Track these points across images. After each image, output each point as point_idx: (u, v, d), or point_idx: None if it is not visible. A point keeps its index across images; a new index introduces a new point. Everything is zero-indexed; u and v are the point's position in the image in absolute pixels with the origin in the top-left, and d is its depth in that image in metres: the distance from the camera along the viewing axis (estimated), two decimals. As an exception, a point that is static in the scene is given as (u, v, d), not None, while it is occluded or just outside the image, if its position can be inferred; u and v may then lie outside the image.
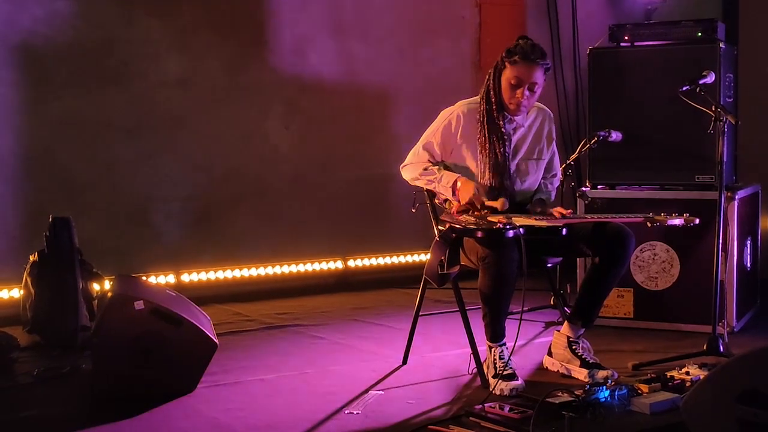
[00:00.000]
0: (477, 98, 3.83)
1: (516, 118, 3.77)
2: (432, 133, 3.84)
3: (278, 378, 3.82)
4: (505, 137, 3.74)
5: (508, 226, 3.42)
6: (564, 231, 3.55)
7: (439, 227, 3.79)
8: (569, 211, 3.70)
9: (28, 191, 5.10)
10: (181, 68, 5.49)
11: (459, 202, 3.70)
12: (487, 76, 3.78)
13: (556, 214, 3.66)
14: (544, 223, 3.53)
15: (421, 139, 3.87)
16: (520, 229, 3.40)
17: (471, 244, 3.61)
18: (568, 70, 6.74)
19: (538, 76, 3.69)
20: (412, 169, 3.86)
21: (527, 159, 3.83)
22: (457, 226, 3.53)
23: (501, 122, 3.73)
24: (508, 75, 3.69)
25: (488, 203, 3.63)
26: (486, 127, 3.73)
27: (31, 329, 4.48)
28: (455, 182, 3.71)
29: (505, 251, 3.45)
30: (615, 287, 4.10)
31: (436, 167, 3.81)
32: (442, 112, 3.87)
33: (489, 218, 3.52)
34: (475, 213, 3.63)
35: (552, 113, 3.95)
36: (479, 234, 3.47)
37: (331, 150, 6.02)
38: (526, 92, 3.69)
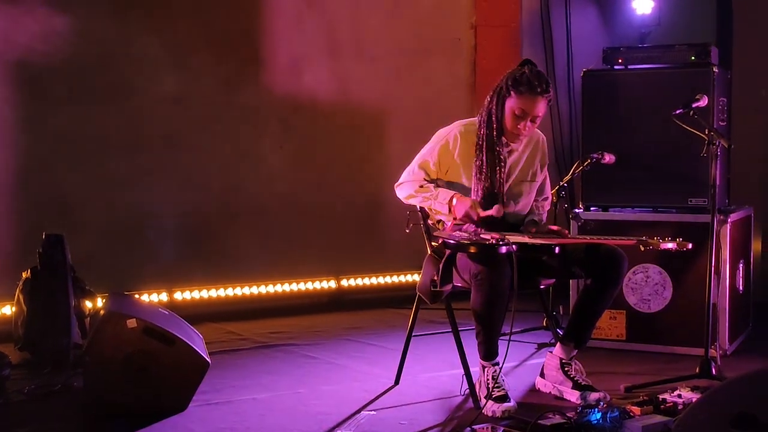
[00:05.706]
0: (473, 120, 3.83)
1: (513, 144, 3.78)
2: (428, 152, 3.84)
3: (271, 397, 3.81)
4: (502, 163, 3.73)
5: (501, 242, 3.42)
6: (557, 249, 3.57)
7: (432, 243, 3.79)
8: (566, 231, 3.72)
9: (22, 207, 5.09)
10: (178, 86, 5.51)
11: (455, 218, 3.70)
12: (488, 99, 3.76)
13: (556, 229, 3.67)
14: (537, 241, 3.54)
15: (416, 159, 3.87)
16: (513, 246, 3.41)
17: (464, 262, 3.60)
18: (562, 91, 6.76)
19: (542, 108, 3.69)
20: (407, 188, 3.86)
21: (521, 181, 3.83)
22: (450, 241, 3.53)
23: (500, 148, 3.73)
24: (512, 104, 3.68)
25: (484, 213, 3.63)
26: (485, 152, 3.73)
27: (23, 346, 4.46)
28: (451, 199, 3.71)
29: (498, 268, 3.44)
30: (607, 309, 4.10)
31: (432, 185, 3.81)
32: (438, 132, 3.88)
33: (482, 235, 3.52)
34: (470, 228, 3.62)
35: (545, 137, 3.96)
36: (472, 249, 3.46)
37: (326, 169, 6.03)
38: (529, 123, 3.70)
